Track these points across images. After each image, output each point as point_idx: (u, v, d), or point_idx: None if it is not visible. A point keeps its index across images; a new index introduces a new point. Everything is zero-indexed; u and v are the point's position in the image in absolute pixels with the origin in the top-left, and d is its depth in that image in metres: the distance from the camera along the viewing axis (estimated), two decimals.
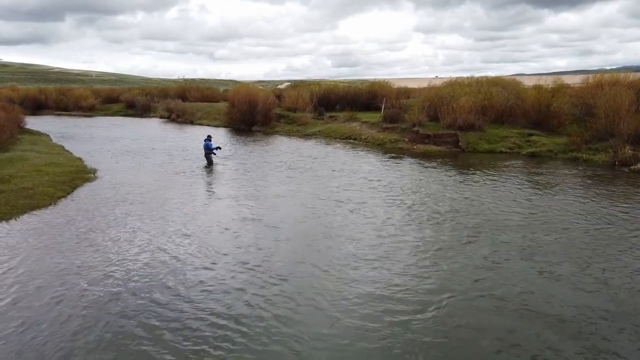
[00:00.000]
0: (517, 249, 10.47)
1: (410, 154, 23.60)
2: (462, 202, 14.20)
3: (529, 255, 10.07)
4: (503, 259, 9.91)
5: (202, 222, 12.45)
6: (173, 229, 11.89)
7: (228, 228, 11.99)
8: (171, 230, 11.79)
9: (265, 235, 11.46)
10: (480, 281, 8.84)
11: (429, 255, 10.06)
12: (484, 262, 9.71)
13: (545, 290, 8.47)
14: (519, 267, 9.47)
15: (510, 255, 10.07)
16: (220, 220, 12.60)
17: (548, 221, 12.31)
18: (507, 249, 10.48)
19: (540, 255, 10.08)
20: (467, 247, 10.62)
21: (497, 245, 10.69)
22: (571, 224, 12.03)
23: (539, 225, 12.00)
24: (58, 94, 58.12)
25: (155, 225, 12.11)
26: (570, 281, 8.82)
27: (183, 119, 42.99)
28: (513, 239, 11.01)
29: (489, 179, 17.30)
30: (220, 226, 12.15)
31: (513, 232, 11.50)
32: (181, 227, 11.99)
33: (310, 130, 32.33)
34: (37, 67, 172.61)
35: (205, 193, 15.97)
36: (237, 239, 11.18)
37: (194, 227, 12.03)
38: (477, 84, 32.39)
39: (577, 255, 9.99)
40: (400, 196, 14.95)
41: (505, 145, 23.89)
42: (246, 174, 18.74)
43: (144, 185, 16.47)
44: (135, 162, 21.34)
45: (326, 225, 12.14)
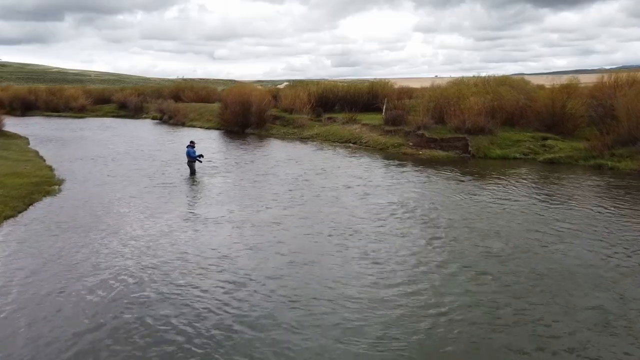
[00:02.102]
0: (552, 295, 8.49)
1: (415, 160, 21.59)
2: (484, 230, 12.19)
3: (570, 311, 8.10)
4: (541, 312, 7.95)
5: (158, 268, 9.55)
6: (115, 276, 9.21)
7: (187, 283, 8.80)
8: (113, 281, 9.00)
9: (239, 300, 8.28)
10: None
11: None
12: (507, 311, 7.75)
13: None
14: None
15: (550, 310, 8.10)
16: (182, 266, 9.63)
17: (581, 258, 10.32)
18: (541, 298, 8.50)
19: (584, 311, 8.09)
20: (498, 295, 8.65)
21: (530, 287, 8.74)
22: (613, 256, 10.07)
23: (571, 262, 10.02)
24: (48, 94, 56.08)
25: (97, 266, 9.65)
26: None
27: (175, 121, 41.00)
28: (544, 274, 9.07)
29: (506, 192, 15.26)
30: (178, 279, 9.03)
31: (543, 263, 9.55)
32: (126, 276, 9.15)
33: (307, 133, 30.33)
34: (36, 67, 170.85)
35: (178, 216, 13.06)
36: (195, 305, 8.06)
37: (146, 278, 9.12)
38: (484, 83, 30.46)
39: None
40: (412, 229, 11.80)
41: (519, 151, 21.88)
42: (232, 189, 16.27)
43: (111, 203, 14.28)
44: (113, 170, 19.30)
45: (322, 281, 8.89)
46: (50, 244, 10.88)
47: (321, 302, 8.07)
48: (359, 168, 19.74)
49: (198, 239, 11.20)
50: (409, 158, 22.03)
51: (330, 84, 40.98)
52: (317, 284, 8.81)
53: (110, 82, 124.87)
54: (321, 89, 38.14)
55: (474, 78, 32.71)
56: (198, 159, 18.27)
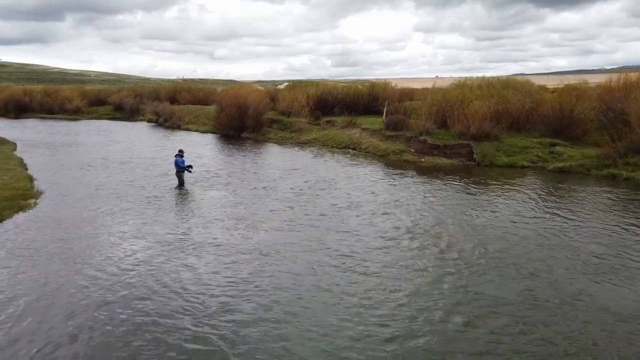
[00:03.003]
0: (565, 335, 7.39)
1: (417, 168, 20.52)
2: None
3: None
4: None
5: (121, 312, 8.11)
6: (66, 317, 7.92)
7: (152, 339, 7.30)
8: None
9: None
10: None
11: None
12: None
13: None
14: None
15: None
16: (148, 310, 8.13)
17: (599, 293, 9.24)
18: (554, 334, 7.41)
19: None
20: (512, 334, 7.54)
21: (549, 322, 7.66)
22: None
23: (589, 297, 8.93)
24: (43, 95, 54.97)
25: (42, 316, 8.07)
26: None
27: (170, 124, 39.99)
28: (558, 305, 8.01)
29: (519, 211, 14.04)
30: (144, 327, 7.61)
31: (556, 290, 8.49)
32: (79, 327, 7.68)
33: (305, 137, 29.29)
34: (36, 67, 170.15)
35: (158, 241, 11.49)
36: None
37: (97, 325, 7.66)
38: (488, 85, 29.41)
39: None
40: (421, 257, 10.47)
41: (526, 158, 20.80)
42: (223, 206, 14.68)
43: (86, 223, 12.85)
44: (101, 181, 18.17)
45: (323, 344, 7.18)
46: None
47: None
48: (359, 180, 18.31)
49: (175, 273, 9.63)
50: (411, 166, 20.95)
51: (330, 86, 39.91)
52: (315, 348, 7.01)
53: (110, 83, 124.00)
54: (320, 91, 37.10)
55: (477, 80, 31.64)
56: (187, 170, 17.20)
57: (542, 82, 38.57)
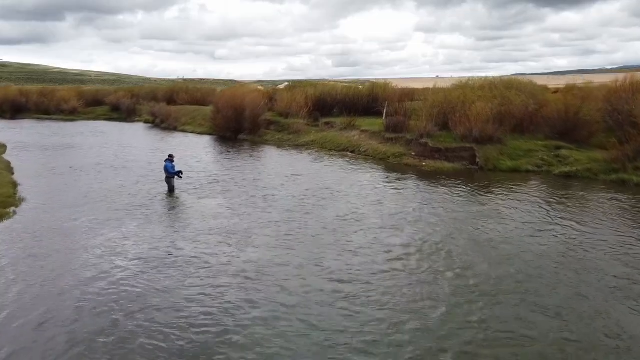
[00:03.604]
0: None
1: (418, 173, 19.79)
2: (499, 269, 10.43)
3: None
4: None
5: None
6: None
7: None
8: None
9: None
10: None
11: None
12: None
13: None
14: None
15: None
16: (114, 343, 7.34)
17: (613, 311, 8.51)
18: None
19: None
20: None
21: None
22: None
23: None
24: (39, 95, 54.33)
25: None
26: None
27: (167, 125, 39.29)
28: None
29: (525, 216, 13.40)
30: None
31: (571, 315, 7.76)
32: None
33: (303, 139, 28.57)
34: (36, 67, 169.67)
35: (140, 257, 10.65)
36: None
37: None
38: (490, 86, 28.68)
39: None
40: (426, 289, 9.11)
41: (531, 162, 20.08)
42: (215, 216, 13.70)
43: (64, 237, 11.93)
44: (91, 186, 17.40)
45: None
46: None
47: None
48: (361, 187, 17.25)
49: (145, 301, 8.64)
50: (412, 171, 20.23)
51: (329, 86, 39.17)
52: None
53: (110, 83, 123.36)
54: (319, 91, 36.36)
55: (479, 80, 30.91)
56: (178, 175, 16.50)
57: (542, 82, 37.87)
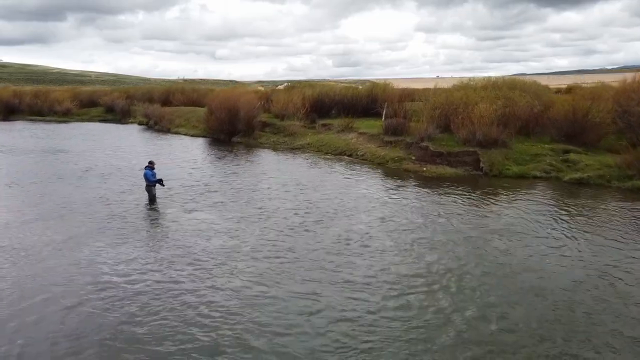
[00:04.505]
0: None
1: (419, 179, 18.61)
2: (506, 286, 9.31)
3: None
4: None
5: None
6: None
7: None
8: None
9: None
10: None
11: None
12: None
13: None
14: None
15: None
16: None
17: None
18: None
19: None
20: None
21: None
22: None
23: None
24: (33, 97, 53.35)
25: None
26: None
27: (160, 127, 38.19)
28: None
29: (540, 231, 12.21)
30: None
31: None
32: None
33: (298, 142, 27.45)
34: (37, 68, 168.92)
35: (99, 288, 9.30)
36: None
37: None
38: (494, 86, 27.61)
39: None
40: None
41: (539, 168, 18.90)
42: (199, 232, 12.33)
43: (10, 263, 10.41)
44: (63, 197, 16.13)
45: None
46: None
47: None
48: (360, 198, 15.71)
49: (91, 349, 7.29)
50: (412, 176, 19.06)
51: (327, 87, 38.06)
52: None
53: (110, 83, 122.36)
54: (317, 92, 35.25)
55: (482, 80, 29.82)
56: (160, 183, 15.38)
57: (543, 83, 36.79)
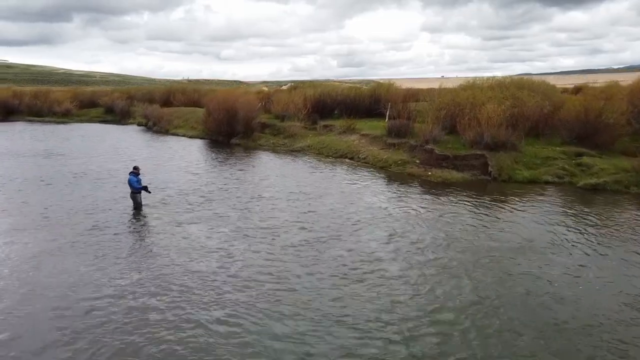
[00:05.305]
0: None
1: (424, 184, 17.60)
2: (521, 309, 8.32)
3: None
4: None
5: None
6: None
7: None
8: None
9: None
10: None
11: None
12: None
13: None
14: None
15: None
16: None
17: None
18: None
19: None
20: None
21: None
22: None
23: None
24: (32, 97, 52.73)
25: None
26: None
27: (159, 128, 37.35)
28: None
29: (559, 246, 11.20)
30: None
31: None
32: None
33: (298, 144, 26.51)
34: (42, 68, 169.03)
35: (56, 314, 8.29)
36: None
37: None
38: (500, 86, 26.61)
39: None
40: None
41: (551, 172, 17.86)
42: (186, 248, 11.21)
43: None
44: (46, 204, 15.18)
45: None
46: None
47: None
48: (365, 209, 14.31)
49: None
50: (417, 181, 18.04)
51: (329, 87, 37.14)
52: None
53: (115, 83, 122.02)
54: (318, 92, 34.32)
55: (488, 80, 28.80)
56: (146, 190, 14.45)
57: (550, 82, 35.73)
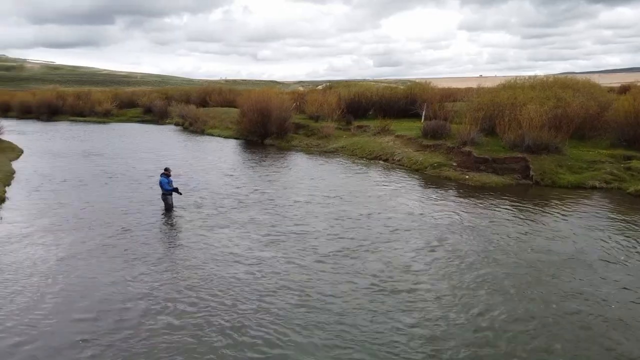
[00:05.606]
0: None
1: (461, 188, 16.91)
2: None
3: None
4: None
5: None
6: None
7: None
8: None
9: None
10: None
11: None
12: None
13: None
14: None
15: None
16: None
17: None
18: None
19: None
20: None
21: None
22: None
23: None
24: (75, 98, 54.42)
25: None
26: None
27: (195, 128, 37.73)
28: None
29: (605, 256, 10.44)
30: None
31: None
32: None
33: (332, 145, 26.14)
34: (87, 69, 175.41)
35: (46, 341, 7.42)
36: None
37: None
38: (543, 85, 25.47)
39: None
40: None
41: (598, 177, 16.86)
42: (219, 255, 10.58)
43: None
44: (80, 205, 15.19)
45: None
46: None
47: None
48: (399, 215, 13.49)
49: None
50: (453, 185, 17.36)
51: (364, 87, 36.62)
52: None
53: (155, 84, 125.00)
54: (353, 92, 33.90)
55: (530, 79, 27.67)
56: (176, 192, 14.36)
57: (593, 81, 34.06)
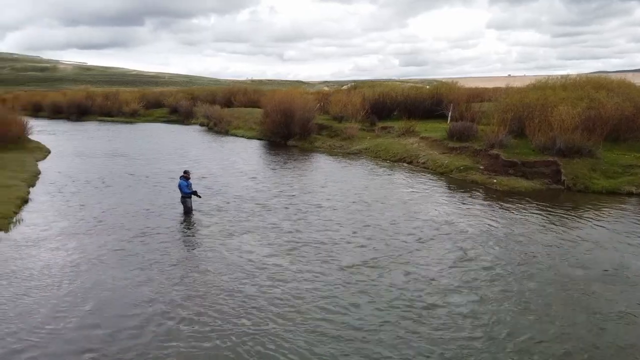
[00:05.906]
0: None
1: (489, 193, 16.29)
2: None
3: None
4: None
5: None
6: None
7: None
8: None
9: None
10: None
11: None
12: None
13: None
14: None
15: None
16: None
17: None
18: None
19: None
20: None
21: None
22: None
23: None
24: (103, 98, 55.39)
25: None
26: None
27: (219, 128, 37.82)
28: None
29: (638, 268, 9.90)
30: None
31: None
32: None
33: (355, 147, 25.73)
34: (116, 70, 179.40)
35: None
36: None
37: None
38: (575, 85, 24.49)
39: None
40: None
41: (634, 182, 16.02)
42: (233, 267, 10.09)
43: (19, 296, 8.82)
44: (102, 208, 15.02)
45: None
46: None
47: None
48: (425, 223, 12.90)
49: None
50: (480, 189, 16.73)
51: (389, 87, 36.07)
52: None
53: (182, 84, 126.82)
54: (377, 92, 33.40)
55: (561, 79, 26.69)
56: (195, 195, 14.18)
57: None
